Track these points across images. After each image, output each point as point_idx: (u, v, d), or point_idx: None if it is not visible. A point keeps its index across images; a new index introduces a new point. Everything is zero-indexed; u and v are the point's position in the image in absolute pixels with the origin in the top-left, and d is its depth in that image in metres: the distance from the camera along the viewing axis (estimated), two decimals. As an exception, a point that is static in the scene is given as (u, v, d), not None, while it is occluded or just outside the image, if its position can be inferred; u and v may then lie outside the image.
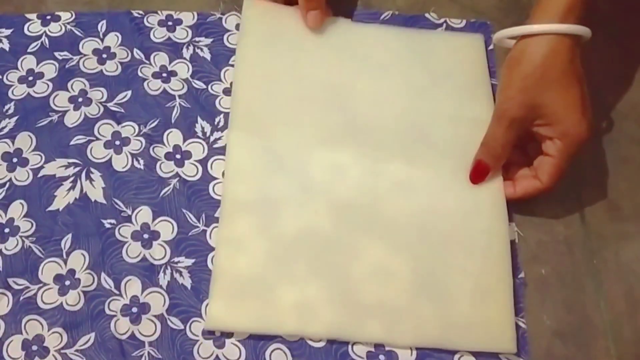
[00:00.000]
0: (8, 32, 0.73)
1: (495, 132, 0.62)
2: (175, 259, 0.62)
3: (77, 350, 0.59)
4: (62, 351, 0.59)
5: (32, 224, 0.63)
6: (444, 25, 0.75)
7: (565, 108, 0.59)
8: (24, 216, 0.64)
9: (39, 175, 0.65)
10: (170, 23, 0.74)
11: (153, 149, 0.67)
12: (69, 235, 0.63)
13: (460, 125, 0.67)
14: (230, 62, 0.72)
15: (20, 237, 0.63)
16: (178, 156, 0.67)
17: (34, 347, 0.59)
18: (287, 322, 0.59)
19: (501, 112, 0.62)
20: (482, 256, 0.62)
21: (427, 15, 0.75)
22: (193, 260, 0.63)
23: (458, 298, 0.60)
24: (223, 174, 0.66)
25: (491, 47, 0.73)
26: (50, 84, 0.70)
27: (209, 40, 0.73)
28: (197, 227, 0.64)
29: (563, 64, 0.59)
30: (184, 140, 0.68)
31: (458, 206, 0.64)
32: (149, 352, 0.59)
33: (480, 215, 0.63)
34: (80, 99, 0.69)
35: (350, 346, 0.59)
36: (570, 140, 0.60)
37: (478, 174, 0.64)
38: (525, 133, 0.63)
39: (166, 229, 0.64)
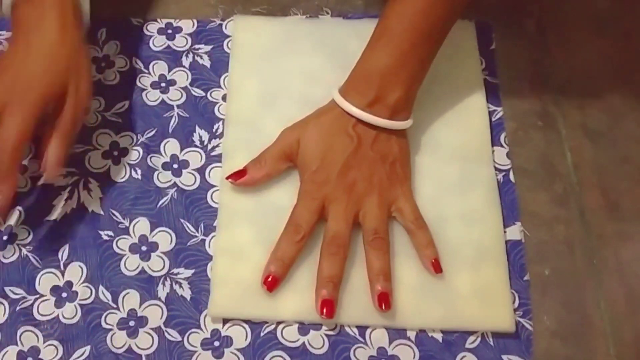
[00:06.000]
0: (8, 35, 0.73)
1: None
2: (175, 270, 0.62)
3: None
4: None
5: (29, 233, 0.63)
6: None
7: None
8: (22, 224, 0.64)
9: (38, 183, 0.65)
10: (170, 31, 0.74)
11: (150, 158, 0.67)
12: (67, 246, 0.63)
13: (455, 112, 0.68)
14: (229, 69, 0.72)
15: (18, 245, 0.63)
16: (175, 166, 0.67)
17: (29, 359, 0.59)
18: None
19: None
20: (478, 245, 0.63)
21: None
22: (192, 271, 0.62)
23: (459, 289, 0.61)
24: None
25: (493, 47, 0.73)
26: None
27: (208, 47, 0.73)
28: (196, 236, 0.64)
29: None
30: (181, 150, 0.68)
31: (456, 203, 0.64)
32: (145, 366, 0.59)
33: (477, 209, 0.64)
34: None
35: (352, 352, 0.59)
36: None
37: None
38: None
39: (164, 239, 0.63)
